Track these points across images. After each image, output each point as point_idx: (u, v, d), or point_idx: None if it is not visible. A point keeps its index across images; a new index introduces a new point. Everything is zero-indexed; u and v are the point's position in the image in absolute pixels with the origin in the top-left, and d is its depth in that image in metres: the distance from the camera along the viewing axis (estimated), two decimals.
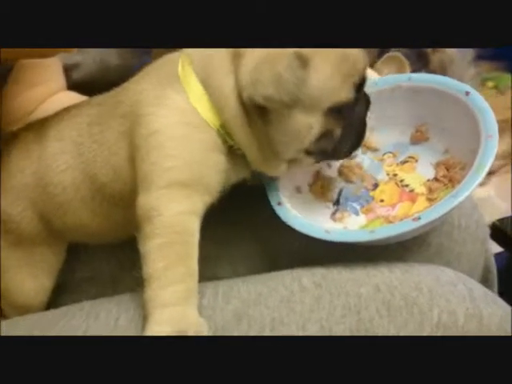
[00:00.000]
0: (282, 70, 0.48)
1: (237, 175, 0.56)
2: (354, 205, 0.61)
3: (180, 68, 0.54)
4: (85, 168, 0.57)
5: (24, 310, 0.62)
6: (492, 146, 0.52)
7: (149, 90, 0.54)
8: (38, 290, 0.63)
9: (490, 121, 0.54)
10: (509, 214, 1.02)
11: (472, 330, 0.46)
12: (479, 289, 0.49)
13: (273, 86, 0.49)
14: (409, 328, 0.45)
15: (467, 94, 0.57)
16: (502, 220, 0.92)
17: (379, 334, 0.45)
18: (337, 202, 0.62)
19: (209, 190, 0.52)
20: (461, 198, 0.50)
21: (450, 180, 0.58)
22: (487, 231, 0.66)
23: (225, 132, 0.52)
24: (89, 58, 0.87)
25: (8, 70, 0.70)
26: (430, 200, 0.58)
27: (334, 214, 0.61)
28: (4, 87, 0.70)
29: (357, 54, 0.53)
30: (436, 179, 0.59)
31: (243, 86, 0.50)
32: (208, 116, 0.52)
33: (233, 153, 0.54)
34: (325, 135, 0.53)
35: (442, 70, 1.47)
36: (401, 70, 1.13)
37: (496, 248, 0.93)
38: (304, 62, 0.49)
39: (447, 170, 0.59)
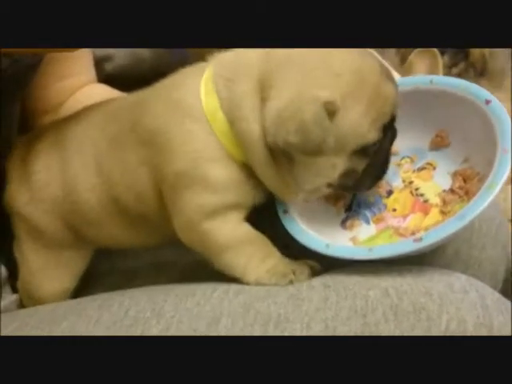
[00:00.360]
0: (308, 120, 0.48)
1: (260, 198, 0.56)
2: (366, 212, 0.60)
3: (203, 95, 0.53)
4: (108, 189, 0.57)
5: None
6: (505, 162, 0.50)
7: (169, 120, 0.54)
8: (62, 290, 0.65)
9: (507, 133, 0.52)
10: None
11: None
12: (493, 297, 0.48)
13: (297, 134, 0.48)
14: (415, 334, 0.44)
15: (487, 102, 0.55)
16: None
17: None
18: (349, 209, 0.61)
19: (243, 207, 0.55)
20: (468, 220, 0.48)
21: (466, 193, 0.56)
22: (509, 234, 0.64)
23: (247, 162, 0.53)
24: (121, 51, 0.88)
25: (38, 62, 0.72)
26: (443, 213, 0.56)
27: (344, 221, 0.60)
28: (34, 79, 0.72)
29: (390, 92, 0.52)
30: (452, 190, 0.57)
31: (267, 128, 0.50)
32: (232, 150, 0.52)
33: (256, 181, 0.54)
34: (347, 173, 0.53)
35: (483, 63, 1.43)
36: (433, 65, 1.10)
37: None
38: (331, 113, 0.49)
39: (464, 181, 0.57)
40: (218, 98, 0.52)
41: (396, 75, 0.63)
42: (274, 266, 0.53)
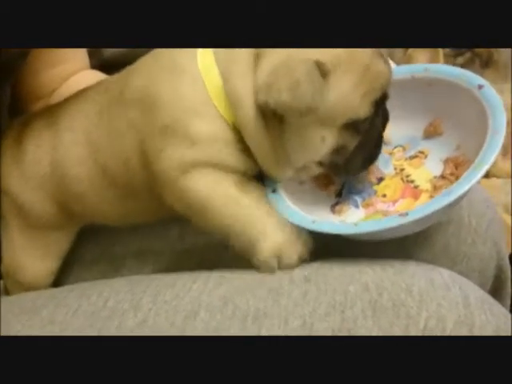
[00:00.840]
0: (301, 78, 0.47)
1: (251, 169, 0.54)
2: (356, 198, 0.59)
3: (200, 56, 0.52)
4: (96, 158, 0.57)
5: (29, 289, 0.63)
6: (496, 143, 0.49)
7: (160, 76, 0.53)
8: (45, 270, 0.65)
9: (498, 116, 0.51)
10: None
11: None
12: (476, 294, 0.47)
13: (289, 92, 0.47)
14: (393, 331, 0.43)
15: (480, 87, 0.54)
16: None
17: (361, 335, 0.43)
18: (339, 194, 0.60)
19: (229, 169, 0.53)
20: (454, 197, 0.47)
21: (457, 178, 0.55)
22: (501, 230, 0.63)
23: (238, 126, 0.52)
24: None
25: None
26: (432, 198, 0.56)
27: (334, 206, 0.59)
28: (24, 65, 0.71)
29: (382, 68, 0.52)
30: (443, 176, 0.57)
31: (259, 87, 0.49)
32: (225, 112, 0.51)
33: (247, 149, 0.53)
34: (338, 150, 0.52)
35: (488, 54, 1.41)
36: (433, 57, 1.08)
37: None
38: (324, 72, 0.48)
39: (456, 167, 0.56)
40: (214, 55, 0.52)
41: (392, 64, 0.62)
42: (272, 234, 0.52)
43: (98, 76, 0.77)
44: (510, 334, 0.44)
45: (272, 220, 0.52)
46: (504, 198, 1.17)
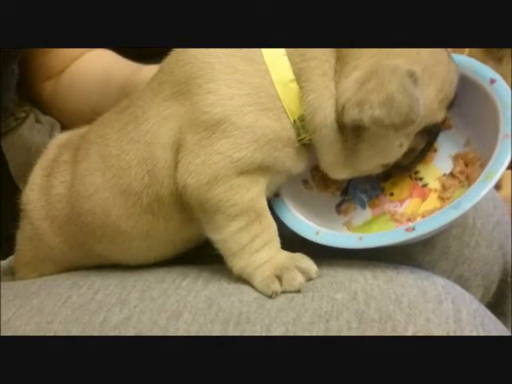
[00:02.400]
0: (395, 91, 0.44)
1: (297, 168, 0.52)
2: (362, 196, 0.57)
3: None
4: (116, 183, 0.51)
5: None
6: (506, 150, 0.47)
7: (210, 61, 0.48)
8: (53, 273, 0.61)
9: (510, 117, 0.48)
10: None
11: None
12: (470, 308, 0.45)
13: (383, 107, 0.44)
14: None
15: (492, 81, 0.51)
16: None
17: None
18: (345, 191, 0.58)
19: (275, 172, 0.50)
20: (463, 210, 0.45)
21: (467, 177, 0.53)
22: (508, 231, 0.61)
23: (301, 125, 0.48)
24: None
25: None
26: (441, 199, 0.54)
27: (339, 205, 0.57)
28: None
29: (456, 73, 0.51)
30: (452, 175, 0.54)
31: (345, 104, 0.46)
32: (289, 106, 0.47)
33: (300, 146, 0.50)
34: (409, 152, 0.51)
35: None
36: None
37: None
38: (415, 81, 0.46)
39: (466, 165, 0.54)
40: (286, 53, 0.48)
41: None
42: (267, 261, 0.49)
43: (108, 55, 0.76)
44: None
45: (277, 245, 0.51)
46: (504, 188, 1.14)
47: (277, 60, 0.47)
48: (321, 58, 0.47)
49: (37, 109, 0.77)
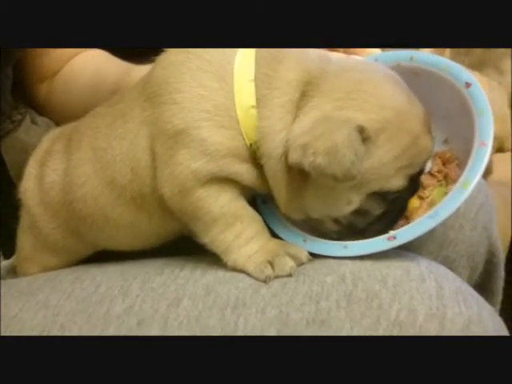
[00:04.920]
0: (339, 142, 0.45)
1: (264, 185, 0.52)
2: None
3: (238, 62, 0.49)
4: (103, 175, 0.54)
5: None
6: (482, 157, 0.48)
7: (182, 71, 0.49)
8: (54, 267, 0.63)
9: (485, 124, 0.49)
10: None
11: (431, 330, 0.44)
12: (452, 286, 0.47)
13: (326, 156, 0.45)
14: (364, 322, 0.45)
15: (468, 85, 0.52)
16: None
17: (334, 326, 0.45)
18: None
19: (242, 184, 0.51)
20: (439, 221, 0.47)
21: (445, 177, 0.55)
22: (492, 213, 0.63)
23: (256, 149, 0.49)
24: None
25: None
26: (420, 198, 0.55)
27: None
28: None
29: (428, 145, 0.50)
30: (430, 174, 0.56)
31: (291, 144, 0.47)
32: (246, 130, 0.49)
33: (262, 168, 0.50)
34: (360, 213, 0.51)
35: None
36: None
37: None
38: (365, 138, 0.46)
39: (443, 164, 0.56)
40: (256, 69, 0.49)
41: (377, 51, 0.61)
42: (257, 250, 0.51)
43: (100, 56, 0.78)
44: (480, 326, 0.45)
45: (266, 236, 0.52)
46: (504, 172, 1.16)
47: (244, 84, 0.49)
48: (284, 89, 0.48)
49: (32, 110, 0.79)
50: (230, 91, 0.48)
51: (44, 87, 0.78)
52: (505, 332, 0.48)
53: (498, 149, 1.16)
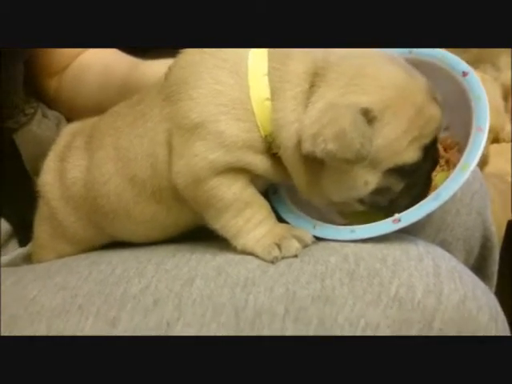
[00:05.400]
0: (346, 126, 0.47)
1: (278, 176, 0.55)
2: None
3: (251, 59, 0.52)
4: (125, 172, 0.57)
5: None
6: (479, 142, 0.51)
7: (200, 70, 0.52)
8: (74, 254, 0.65)
9: (482, 111, 0.52)
10: None
11: (428, 306, 0.47)
12: (448, 264, 0.50)
13: (335, 142, 0.47)
14: (366, 298, 0.48)
15: (464, 74, 0.55)
16: None
17: (338, 302, 0.48)
18: None
19: (254, 174, 0.53)
20: (442, 202, 0.50)
21: (447, 162, 0.58)
22: (486, 200, 0.66)
23: (272, 140, 0.52)
24: None
25: None
26: None
27: None
28: None
29: (434, 112, 0.51)
30: None
31: (303, 134, 0.49)
32: (262, 122, 0.51)
33: (276, 158, 0.53)
34: (381, 191, 0.52)
35: None
36: None
37: None
38: (371, 119, 0.48)
39: (444, 149, 0.58)
40: (268, 64, 0.51)
41: None
42: (265, 234, 0.53)
43: (110, 51, 0.79)
44: (474, 302, 0.48)
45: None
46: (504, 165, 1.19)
47: (258, 78, 0.51)
48: (294, 81, 0.51)
49: (43, 104, 0.81)
50: (245, 86, 0.51)
51: (54, 82, 0.80)
52: (498, 309, 0.51)
53: (494, 139, 1.19)
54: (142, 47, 0.62)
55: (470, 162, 0.50)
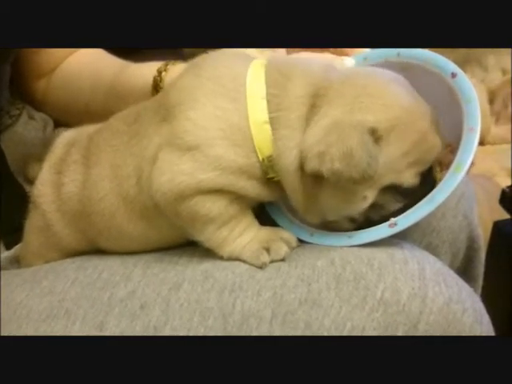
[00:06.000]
0: (354, 146, 0.47)
1: (269, 197, 0.55)
2: None
3: (250, 79, 0.52)
4: (119, 191, 0.57)
5: None
6: (471, 142, 0.51)
7: (196, 91, 0.52)
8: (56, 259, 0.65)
9: (473, 111, 0.52)
10: None
11: (413, 308, 0.48)
12: (433, 268, 0.51)
13: (343, 161, 0.47)
14: (352, 301, 0.48)
15: (454, 75, 0.55)
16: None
17: (324, 305, 0.48)
18: None
19: (244, 195, 0.53)
20: (438, 203, 0.50)
21: (439, 163, 0.58)
22: (473, 202, 0.67)
23: (270, 165, 0.51)
24: None
25: None
26: None
27: None
28: None
29: (435, 143, 0.52)
30: None
31: (307, 154, 0.49)
32: (260, 145, 0.51)
33: (269, 181, 0.53)
34: (375, 206, 0.52)
35: None
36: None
37: None
38: (377, 138, 0.49)
39: None
40: (266, 87, 0.51)
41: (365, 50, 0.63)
42: (250, 240, 0.53)
43: (98, 53, 0.79)
44: (459, 304, 0.49)
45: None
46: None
47: (256, 102, 0.51)
48: (293, 106, 0.51)
49: (29, 106, 0.80)
50: (244, 110, 0.51)
51: (42, 84, 0.80)
52: (483, 311, 0.51)
53: (480, 142, 1.19)
54: (131, 49, 0.62)
55: (463, 162, 0.50)
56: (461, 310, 0.49)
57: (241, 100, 0.52)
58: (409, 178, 0.51)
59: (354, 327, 0.47)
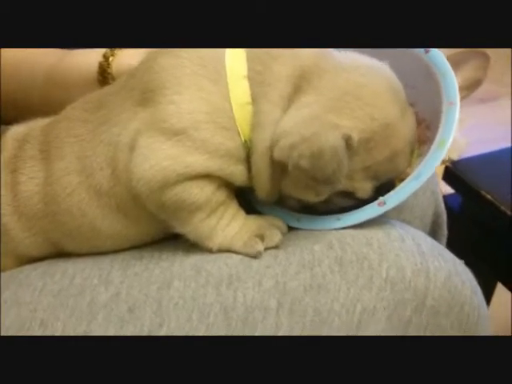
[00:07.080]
0: (325, 149, 0.45)
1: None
2: None
3: (230, 60, 0.49)
4: (90, 184, 0.52)
5: None
6: (453, 116, 0.51)
7: (177, 71, 0.49)
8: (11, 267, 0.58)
9: (451, 85, 0.52)
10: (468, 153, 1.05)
11: (419, 284, 0.48)
12: (427, 243, 0.51)
13: (310, 160, 0.45)
14: (359, 282, 0.47)
15: (427, 51, 0.55)
16: (454, 163, 0.95)
17: (332, 289, 0.47)
18: None
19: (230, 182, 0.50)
20: (424, 179, 0.49)
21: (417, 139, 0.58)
22: (436, 179, 0.68)
23: (250, 146, 0.49)
24: None
25: None
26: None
27: None
28: None
29: (401, 166, 0.51)
30: None
31: (279, 139, 0.47)
32: (242, 126, 0.48)
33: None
34: (326, 201, 0.50)
35: None
36: (481, 67, 1.03)
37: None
38: (348, 145, 0.46)
39: None
40: (248, 66, 0.49)
41: None
42: (240, 229, 0.51)
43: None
44: (458, 277, 0.49)
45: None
46: None
47: (238, 82, 0.49)
48: (275, 84, 0.48)
49: None
50: (226, 92, 0.48)
51: None
52: (475, 282, 0.52)
53: None
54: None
55: (445, 137, 0.51)
56: (460, 283, 0.49)
57: (222, 81, 0.49)
58: (363, 190, 0.50)
59: (364, 308, 0.46)
